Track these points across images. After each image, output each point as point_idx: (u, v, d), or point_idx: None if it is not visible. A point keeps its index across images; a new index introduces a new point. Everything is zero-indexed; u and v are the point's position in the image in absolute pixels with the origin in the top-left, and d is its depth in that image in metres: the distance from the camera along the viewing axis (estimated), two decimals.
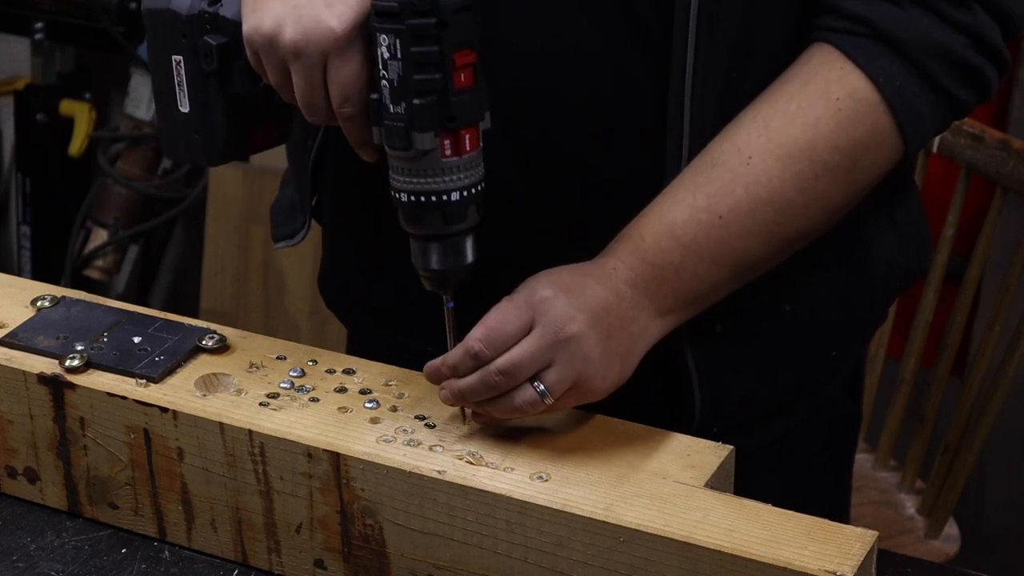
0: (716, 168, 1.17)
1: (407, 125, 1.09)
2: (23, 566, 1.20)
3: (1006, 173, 2.00)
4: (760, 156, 1.16)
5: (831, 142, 1.16)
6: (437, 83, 1.08)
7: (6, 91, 3.17)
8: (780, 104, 1.17)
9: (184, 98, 1.19)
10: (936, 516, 2.06)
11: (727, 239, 1.17)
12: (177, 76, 1.19)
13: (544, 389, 1.12)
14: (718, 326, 1.25)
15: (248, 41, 1.15)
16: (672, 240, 1.16)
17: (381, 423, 1.17)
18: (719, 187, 1.16)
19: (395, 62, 1.08)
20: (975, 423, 2.02)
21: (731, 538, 1.04)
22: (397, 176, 1.12)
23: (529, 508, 1.09)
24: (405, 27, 1.07)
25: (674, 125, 1.20)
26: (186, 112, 1.19)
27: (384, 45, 1.08)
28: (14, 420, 1.25)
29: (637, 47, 1.19)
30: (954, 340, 2.08)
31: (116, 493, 1.24)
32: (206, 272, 2.92)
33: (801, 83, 1.17)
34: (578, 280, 1.14)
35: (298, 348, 1.26)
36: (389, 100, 1.10)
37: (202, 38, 1.17)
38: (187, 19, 1.17)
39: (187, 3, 1.18)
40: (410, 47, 1.07)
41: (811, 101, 1.16)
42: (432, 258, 1.14)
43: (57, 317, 1.29)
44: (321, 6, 1.11)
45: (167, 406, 1.19)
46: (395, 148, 1.11)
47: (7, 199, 3.33)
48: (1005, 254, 2.31)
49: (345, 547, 1.17)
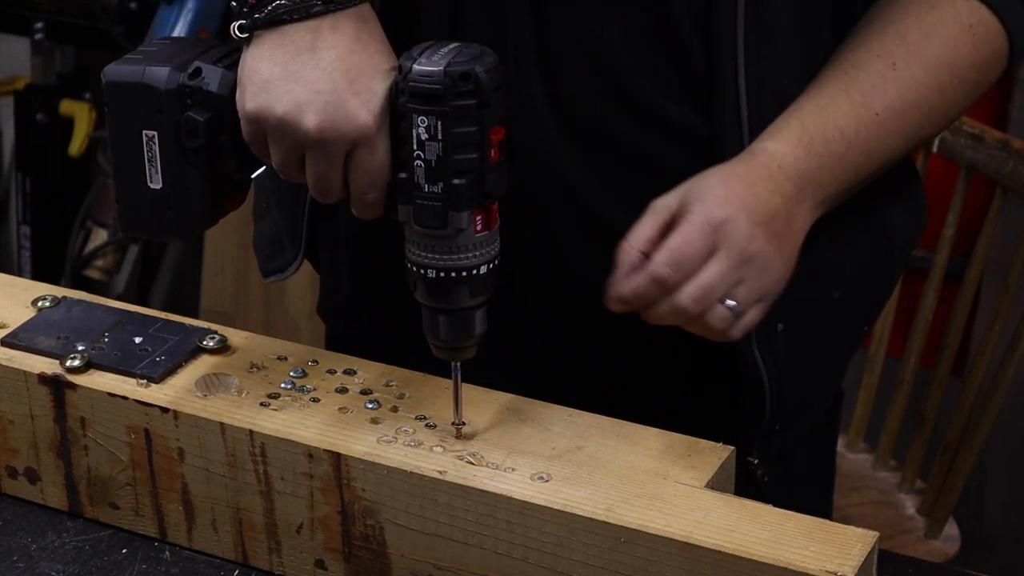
0: (860, 71, 1.21)
1: (445, 204, 1.08)
2: (23, 566, 1.20)
3: (1006, 173, 2.00)
4: (904, 63, 1.21)
5: (968, 60, 1.24)
6: (475, 162, 1.07)
7: (6, 91, 3.17)
8: (911, 20, 1.23)
9: (156, 174, 1.14)
10: (936, 516, 2.06)
11: (882, 135, 1.21)
12: (148, 152, 1.14)
13: (736, 305, 1.14)
14: (780, 325, 1.27)
15: (254, 120, 1.11)
16: (836, 131, 1.19)
17: (382, 423, 1.17)
18: (871, 86, 1.21)
19: (434, 143, 1.07)
20: (975, 423, 2.02)
21: (732, 538, 1.04)
22: (422, 252, 1.10)
23: (530, 508, 1.09)
24: (448, 109, 1.06)
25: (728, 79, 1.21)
26: (157, 188, 1.15)
27: (422, 127, 1.07)
28: (15, 420, 1.25)
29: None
30: (954, 340, 2.08)
31: (117, 493, 1.24)
32: (206, 272, 2.91)
33: (928, 6, 1.23)
34: (749, 192, 1.16)
35: (299, 348, 1.26)
36: (424, 180, 1.08)
37: (184, 113, 1.13)
38: (165, 94, 1.13)
39: (164, 76, 1.13)
40: (451, 128, 1.06)
41: (944, 22, 1.23)
42: (447, 329, 1.14)
43: (58, 317, 1.29)
44: (347, 93, 1.08)
45: (168, 406, 1.19)
46: (429, 227, 1.09)
47: (7, 199, 3.33)
48: (1005, 254, 2.31)
49: (346, 547, 1.17)
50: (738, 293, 1.14)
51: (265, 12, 1.10)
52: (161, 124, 1.13)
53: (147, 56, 1.15)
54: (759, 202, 1.15)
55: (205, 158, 1.14)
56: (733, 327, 1.15)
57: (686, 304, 1.13)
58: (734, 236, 1.14)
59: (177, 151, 1.14)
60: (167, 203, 1.15)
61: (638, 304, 1.14)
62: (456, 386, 1.15)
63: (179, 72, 1.13)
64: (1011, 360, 1.98)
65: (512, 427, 1.16)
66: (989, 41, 1.24)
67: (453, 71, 1.06)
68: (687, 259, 1.13)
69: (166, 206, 1.15)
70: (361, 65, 1.09)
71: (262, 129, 1.11)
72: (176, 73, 1.13)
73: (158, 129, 1.14)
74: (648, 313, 1.15)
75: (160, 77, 1.13)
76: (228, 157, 1.15)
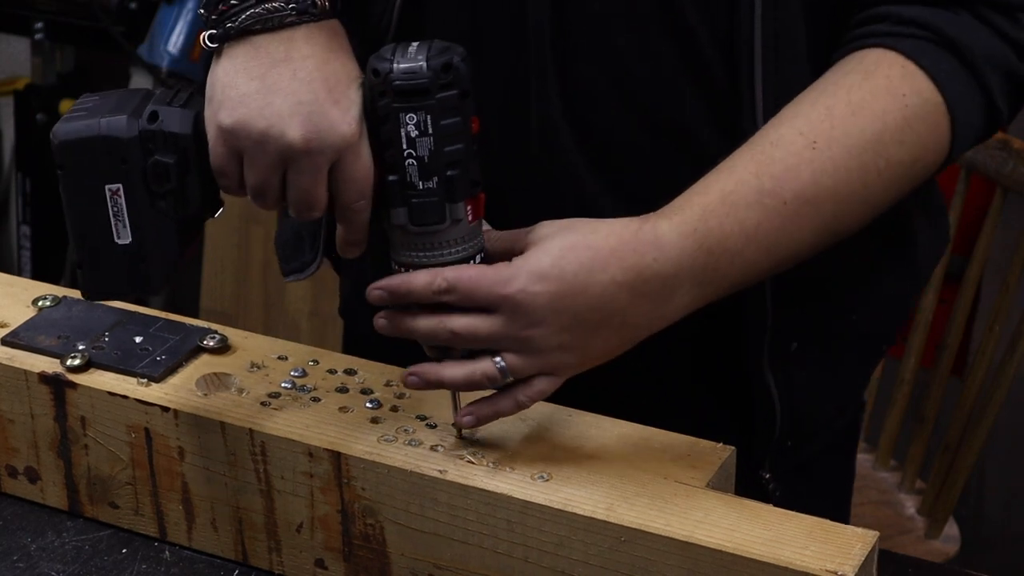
0: (778, 150, 1.11)
1: (441, 198, 1.08)
2: (23, 566, 1.20)
3: (1006, 173, 2.00)
4: (825, 142, 1.11)
5: (897, 137, 1.13)
6: (463, 152, 1.08)
7: (6, 91, 3.17)
8: (841, 94, 1.13)
9: (123, 228, 1.11)
10: (936, 516, 2.06)
11: (788, 228, 1.12)
12: (114, 206, 1.11)
13: (503, 366, 1.10)
14: (793, 344, 1.25)
15: (232, 136, 1.08)
16: (736, 225, 1.10)
17: (382, 423, 1.17)
18: (785, 168, 1.11)
19: (425, 139, 1.07)
20: (975, 423, 2.02)
21: (732, 538, 1.04)
22: (413, 253, 1.10)
23: (530, 508, 1.09)
24: (435, 102, 1.06)
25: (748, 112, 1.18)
26: (127, 243, 1.12)
27: (411, 124, 1.07)
28: (15, 419, 1.25)
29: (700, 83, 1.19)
30: (954, 340, 2.08)
31: (117, 493, 1.24)
32: (206, 272, 2.91)
33: (861, 77, 1.13)
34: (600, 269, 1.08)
35: (299, 348, 1.26)
36: (418, 177, 1.08)
37: (151, 158, 1.10)
38: (128, 142, 1.10)
39: (123, 124, 1.10)
40: (440, 121, 1.07)
41: (875, 94, 1.13)
42: None
43: (58, 317, 1.29)
44: (328, 103, 1.07)
45: (168, 405, 1.19)
46: (428, 223, 1.09)
47: (7, 199, 3.33)
48: (1005, 254, 2.31)
49: (346, 547, 1.17)
50: (512, 359, 1.09)
51: (237, 22, 1.08)
52: (126, 175, 1.11)
53: (92, 110, 1.12)
54: (600, 287, 1.08)
55: (174, 203, 1.12)
56: (500, 387, 1.10)
57: (417, 328, 1.10)
58: (531, 314, 1.07)
59: (145, 200, 1.11)
60: (138, 256, 1.13)
61: (390, 299, 1.11)
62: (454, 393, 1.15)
63: (136, 119, 1.10)
64: (1011, 360, 1.98)
65: (512, 427, 1.16)
66: (924, 116, 1.13)
67: (435, 64, 1.06)
68: (469, 295, 1.08)
69: (138, 260, 1.13)
70: (337, 74, 1.09)
71: (239, 147, 1.09)
72: (134, 120, 1.10)
73: (123, 180, 1.11)
74: (409, 325, 1.11)
75: (120, 126, 1.10)
76: (195, 198, 1.12)
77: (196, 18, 2.77)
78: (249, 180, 1.10)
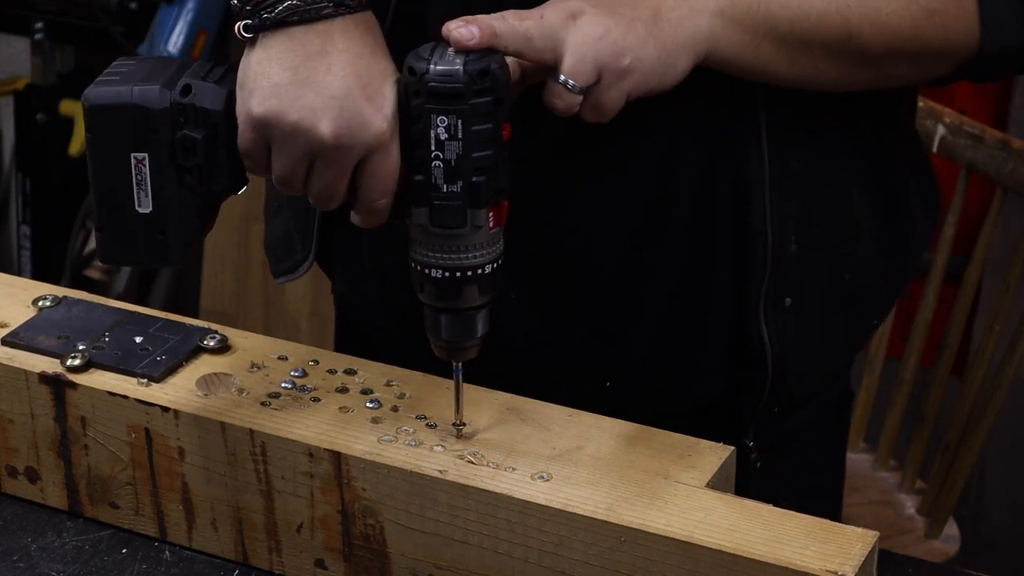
0: None
1: (464, 203, 1.08)
2: (24, 566, 1.20)
3: (1006, 173, 2.00)
4: None
5: None
6: (491, 158, 1.08)
7: (6, 91, 3.17)
8: None
9: (145, 197, 1.11)
10: (936, 516, 2.06)
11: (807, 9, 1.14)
12: (138, 175, 1.11)
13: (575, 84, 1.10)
14: (788, 299, 1.26)
15: (263, 126, 1.08)
16: None
17: (382, 423, 1.17)
18: None
19: (454, 143, 1.07)
20: (975, 423, 2.02)
21: (732, 538, 1.04)
22: (431, 253, 1.10)
23: (530, 508, 1.09)
24: (468, 107, 1.06)
25: None
26: (147, 212, 1.11)
27: (442, 126, 1.06)
28: (15, 419, 1.25)
29: None
30: (954, 340, 2.08)
31: (117, 493, 1.24)
32: (206, 272, 2.91)
33: None
34: None
35: (299, 348, 1.26)
36: (443, 180, 1.08)
37: (180, 132, 1.10)
38: (159, 113, 1.09)
39: (155, 95, 1.09)
40: (471, 127, 1.06)
41: None
42: (449, 329, 1.13)
43: (58, 317, 1.29)
44: (361, 99, 1.07)
45: (168, 405, 1.19)
46: (448, 227, 1.09)
47: (7, 199, 3.33)
48: (1005, 254, 2.31)
49: (346, 547, 1.17)
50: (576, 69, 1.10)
51: (274, 12, 1.08)
52: (153, 145, 1.10)
53: (126, 77, 1.11)
54: None
55: (199, 177, 1.12)
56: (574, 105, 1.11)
57: None
58: None
59: (170, 172, 1.11)
60: (157, 227, 1.12)
61: None
62: (457, 386, 1.15)
63: (169, 90, 1.10)
64: (1011, 360, 1.98)
65: (512, 427, 1.16)
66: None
67: (472, 69, 1.06)
68: None
69: (157, 230, 1.12)
70: (371, 70, 1.08)
71: (268, 136, 1.09)
72: (166, 91, 1.10)
73: (149, 150, 1.11)
74: None
75: (152, 96, 1.09)
76: (221, 175, 1.12)
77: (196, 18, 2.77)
78: (276, 169, 1.10)
